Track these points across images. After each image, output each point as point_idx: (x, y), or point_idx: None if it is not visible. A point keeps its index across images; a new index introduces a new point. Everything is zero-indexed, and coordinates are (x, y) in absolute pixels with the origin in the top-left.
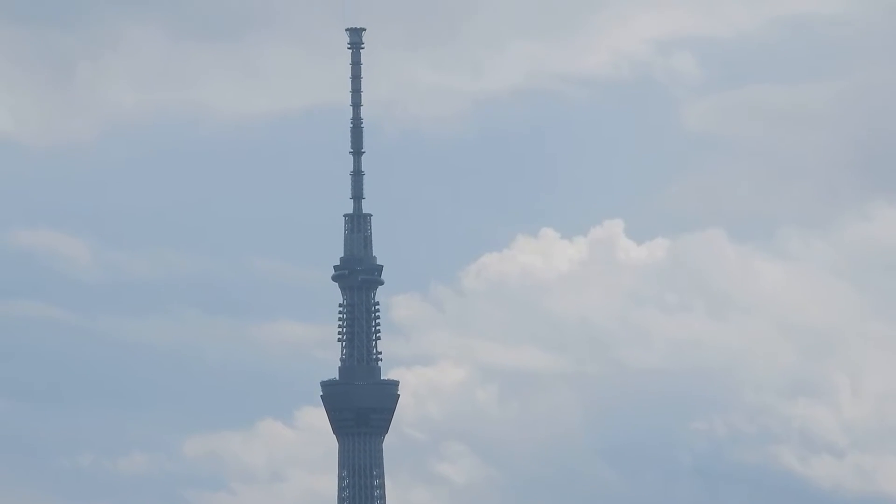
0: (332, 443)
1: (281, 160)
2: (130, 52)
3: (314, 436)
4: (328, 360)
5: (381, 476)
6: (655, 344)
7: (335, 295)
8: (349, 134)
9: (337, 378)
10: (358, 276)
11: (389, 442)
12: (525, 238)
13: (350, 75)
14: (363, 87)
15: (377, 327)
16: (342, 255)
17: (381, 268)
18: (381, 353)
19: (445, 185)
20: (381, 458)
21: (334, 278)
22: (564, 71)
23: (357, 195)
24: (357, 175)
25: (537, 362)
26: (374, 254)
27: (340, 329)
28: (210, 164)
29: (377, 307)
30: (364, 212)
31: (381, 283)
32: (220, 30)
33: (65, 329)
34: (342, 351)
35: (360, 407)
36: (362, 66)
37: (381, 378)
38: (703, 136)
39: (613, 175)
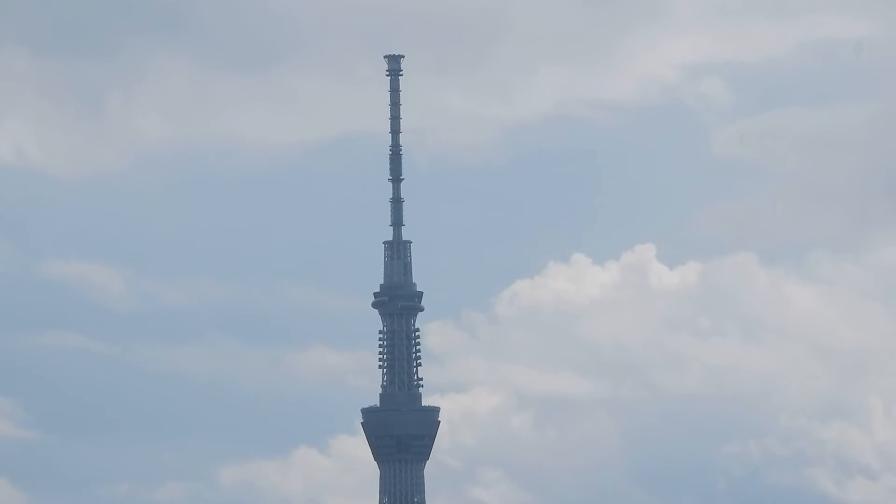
0: (368, 470)
1: (314, 188)
2: (160, 83)
3: (349, 463)
4: (364, 388)
5: (423, 503)
6: (689, 368)
7: (375, 322)
8: (385, 161)
9: (378, 405)
10: (398, 303)
11: (428, 469)
12: (557, 264)
13: (389, 102)
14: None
15: (418, 353)
16: (382, 281)
17: (420, 294)
18: (422, 379)
19: (477, 213)
20: (422, 484)
21: (374, 305)
22: (594, 97)
23: (397, 222)
24: (397, 202)
25: (572, 388)
26: (413, 280)
27: (381, 356)
28: (244, 194)
29: (417, 333)
30: (403, 238)
31: (422, 309)
32: (250, 60)
33: (99, 359)
34: (383, 377)
35: (401, 434)
36: (401, 92)
37: (423, 405)
38: (732, 160)
39: (644, 200)
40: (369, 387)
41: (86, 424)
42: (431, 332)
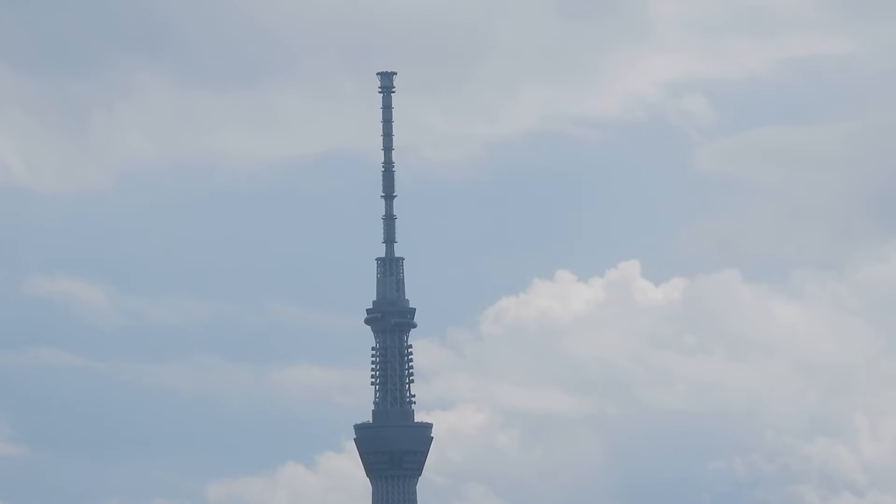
0: (355, 486)
1: (303, 205)
2: (144, 101)
3: (336, 479)
4: (352, 404)
5: None
6: (674, 385)
7: (366, 338)
8: (374, 177)
9: (370, 421)
10: (391, 320)
11: (418, 485)
12: (541, 281)
13: (381, 119)
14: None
15: (410, 370)
16: (375, 298)
17: (413, 311)
18: (414, 395)
19: (461, 230)
20: (414, 500)
21: (367, 321)
22: (577, 114)
23: (389, 239)
24: (389, 219)
25: (557, 405)
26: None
27: (374, 372)
28: (232, 211)
29: (410, 350)
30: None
31: (414, 325)
32: (236, 77)
33: (86, 376)
34: (375, 394)
35: (394, 450)
36: (393, 109)
37: (415, 421)
38: (715, 177)
39: (628, 217)
40: (357, 403)
41: (73, 441)
42: (419, 349)
